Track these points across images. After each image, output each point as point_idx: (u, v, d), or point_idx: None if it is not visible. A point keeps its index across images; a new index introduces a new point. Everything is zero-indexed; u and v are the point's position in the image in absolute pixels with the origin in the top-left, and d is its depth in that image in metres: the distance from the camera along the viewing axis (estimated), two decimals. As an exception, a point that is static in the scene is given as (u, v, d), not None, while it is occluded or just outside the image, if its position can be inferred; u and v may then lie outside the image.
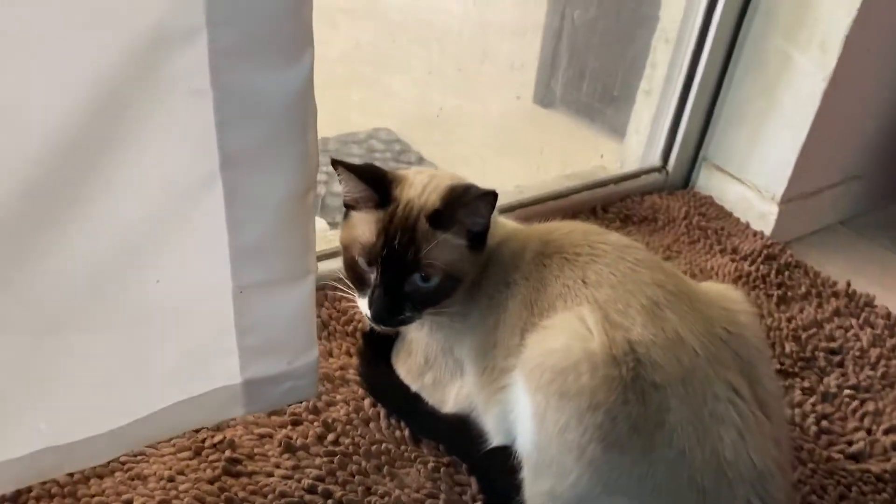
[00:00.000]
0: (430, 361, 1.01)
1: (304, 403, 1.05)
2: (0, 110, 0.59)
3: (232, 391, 0.85)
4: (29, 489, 0.88)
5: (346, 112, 2.42)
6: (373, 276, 0.90)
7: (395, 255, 0.88)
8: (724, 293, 0.91)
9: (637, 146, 1.77)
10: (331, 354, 1.16)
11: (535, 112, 2.60)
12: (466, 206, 0.88)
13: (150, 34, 0.60)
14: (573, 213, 1.56)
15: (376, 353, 1.10)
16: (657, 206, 1.63)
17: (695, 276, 1.41)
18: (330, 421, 1.04)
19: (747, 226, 1.61)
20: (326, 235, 1.36)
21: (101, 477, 0.93)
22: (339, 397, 1.08)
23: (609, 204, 1.62)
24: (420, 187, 0.92)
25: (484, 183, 1.76)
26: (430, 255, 0.88)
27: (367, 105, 2.51)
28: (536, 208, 1.55)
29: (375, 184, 0.91)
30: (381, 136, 2.33)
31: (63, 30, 0.57)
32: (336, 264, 1.02)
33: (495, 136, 2.42)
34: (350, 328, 1.19)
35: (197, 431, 0.99)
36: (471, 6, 3.22)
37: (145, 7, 0.59)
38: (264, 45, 0.63)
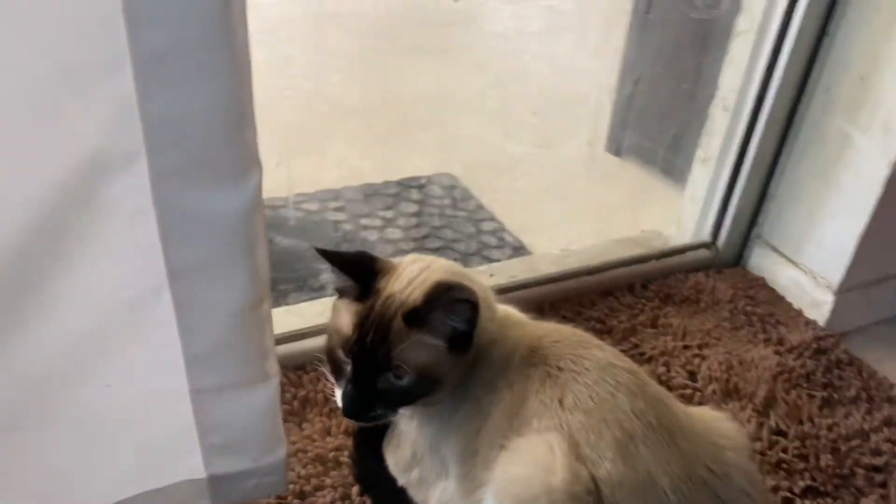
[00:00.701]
0: (417, 457, 0.98)
1: (290, 486, 1.04)
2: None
3: (197, 485, 0.85)
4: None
5: (408, 155, 2.43)
6: (348, 369, 0.88)
7: (367, 351, 0.85)
8: (715, 425, 0.84)
9: (692, 215, 1.69)
10: (329, 433, 1.14)
11: (606, 161, 2.53)
12: (445, 308, 0.84)
13: (88, 160, 0.61)
14: (608, 290, 1.50)
15: (370, 437, 1.07)
16: (702, 285, 1.54)
17: (731, 369, 1.33)
18: (314, 508, 1.02)
19: (799, 313, 1.50)
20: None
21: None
22: (328, 481, 1.06)
23: (650, 280, 1.54)
24: (406, 281, 0.89)
25: (534, 242, 1.69)
26: (403, 355, 0.84)
27: (432, 148, 2.52)
28: (569, 284, 1.50)
29: (357, 274, 0.89)
30: (443, 181, 2.32)
31: (6, 153, 0.59)
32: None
33: (560, 185, 2.36)
34: (352, 406, 1.18)
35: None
36: (554, 48, 3.19)
37: (83, 134, 0.60)
38: (205, 168, 0.63)
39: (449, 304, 0.84)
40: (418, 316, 0.85)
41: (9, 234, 0.62)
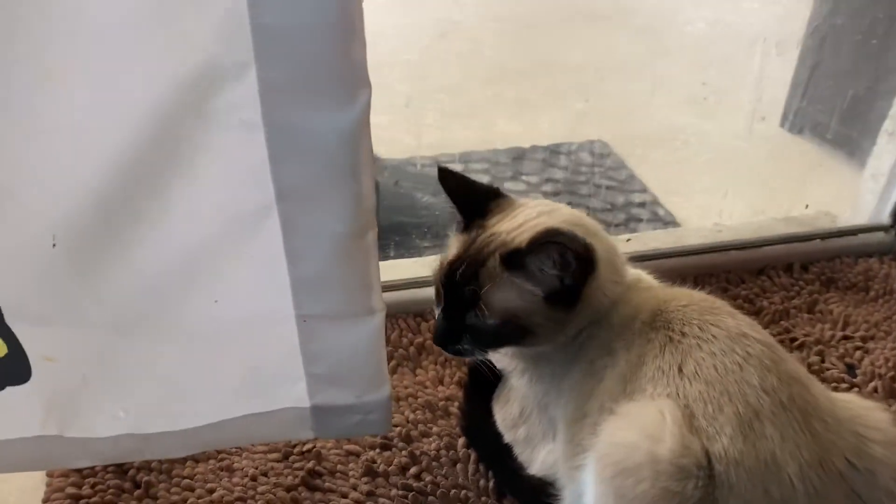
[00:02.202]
0: (524, 415, 0.94)
1: (398, 429, 1.04)
2: (75, 130, 0.63)
3: (301, 414, 0.85)
4: (133, 460, 0.97)
5: (561, 121, 2.36)
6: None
7: (456, 285, 0.82)
8: (865, 413, 0.73)
9: (870, 196, 1.50)
10: (441, 382, 1.13)
11: (780, 137, 2.33)
12: (548, 255, 0.77)
13: (201, 68, 0.61)
14: (761, 269, 1.37)
15: (480, 390, 1.04)
16: (873, 272, 1.37)
17: (892, 370, 1.17)
18: (418, 453, 1.01)
19: None
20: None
21: (196, 461, 0.99)
22: (435, 429, 1.05)
23: (812, 262, 1.39)
24: (520, 221, 0.84)
25: (689, 217, 1.58)
26: (489, 296, 0.80)
27: (587, 115, 2.43)
28: (716, 258, 1.38)
29: (464, 205, 0.86)
30: (595, 148, 2.23)
31: (124, 62, 0.60)
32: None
33: (724, 160, 2.20)
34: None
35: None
36: (728, 14, 2.98)
37: (197, 43, 0.60)
38: (313, 84, 0.62)
39: (555, 252, 0.77)
40: (517, 258, 0.79)
41: (129, 139, 0.63)
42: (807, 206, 1.54)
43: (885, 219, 1.43)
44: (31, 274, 0.71)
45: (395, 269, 1.28)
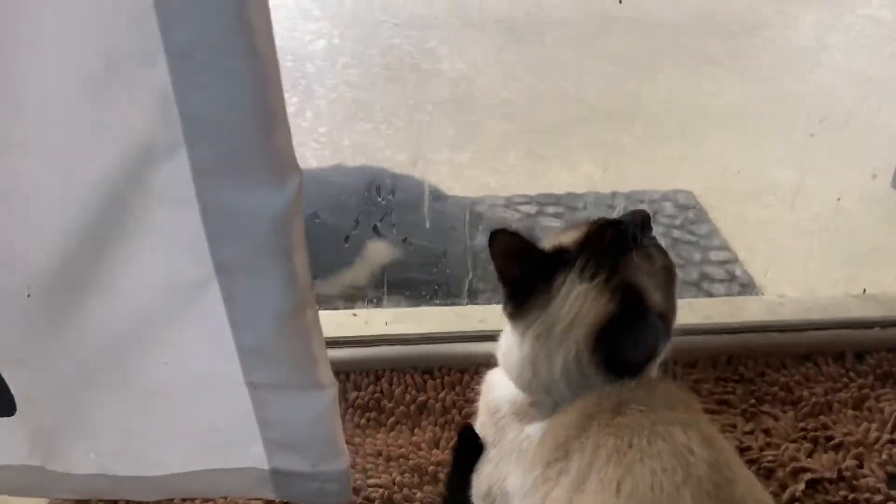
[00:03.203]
0: (491, 496, 0.90)
1: (381, 490, 1.03)
2: (38, 194, 0.68)
3: (261, 474, 0.87)
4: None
5: (651, 167, 2.29)
6: None
7: None
8: None
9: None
10: (437, 444, 1.11)
11: (892, 199, 2.17)
12: None
13: (138, 147, 0.63)
14: (807, 354, 1.25)
15: (469, 458, 1.01)
16: (941, 370, 1.23)
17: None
18: (394, 520, 1.00)
19: None
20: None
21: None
22: (419, 495, 1.03)
23: (868, 351, 1.26)
24: None
25: (771, 282, 1.50)
26: None
27: (680, 163, 2.34)
28: (757, 337, 1.28)
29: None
30: (679, 199, 2.15)
31: (71, 135, 0.64)
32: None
33: (823, 221, 2.06)
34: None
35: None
36: (860, 63, 2.82)
37: (133, 124, 0.62)
38: (240, 168, 0.63)
39: None
40: None
41: (82, 206, 0.67)
42: (864, 291, 1.40)
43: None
44: (10, 321, 0.76)
45: (406, 321, 1.28)
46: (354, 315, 1.37)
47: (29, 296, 0.74)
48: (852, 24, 3.35)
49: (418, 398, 1.16)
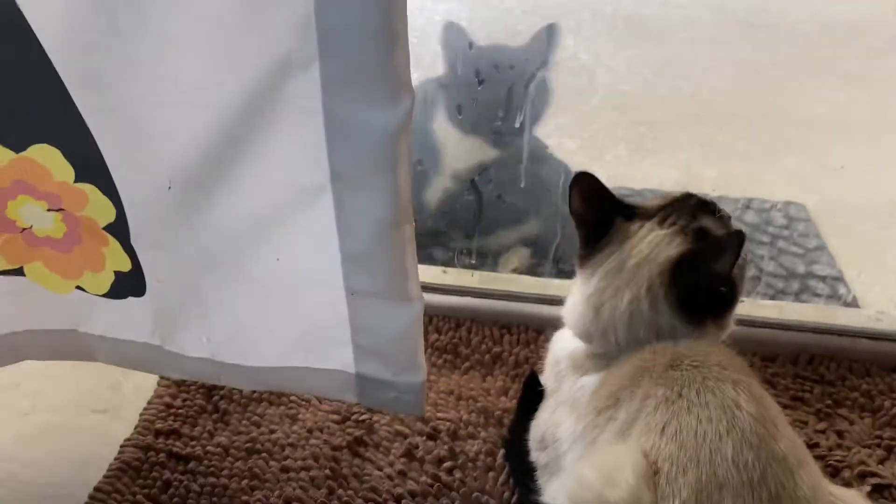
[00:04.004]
0: (545, 441, 0.95)
1: (448, 424, 1.10)
2: (190, 97, 0.77)
3: (347, 378, 0.95)
4: (221, 386, 1.13)
5: (764, 176, 2.24)
6: None
7: None
8: None
9: None
10: (505, 393, 1.17)
11: None
12: None
13: (277, 59, 0.71)
14: (868, 365, 1.23)
15: (530, 403, 1.06)
16: None
17: None
18: (458, 451, 1.06)
19: None
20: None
21: (270, 403, 1.13)
22: (483, 434, 1.09)
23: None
24: None
25: (875, 302, 1.54)
26: None
27: (796, 175, 2.29)
28: (844, 340, 1.26)
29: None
30: (789, 210, 2.10)
31: (221, 45, 0.73)
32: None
33: None
34: (543, 376, 1.18)
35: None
36: None
37: (275, 37, 0.71)
38: (364, 82, 0.70)
39: None
40: None
41: (224, 110, 0.76)
42: None
43: None
44: (152, 207, 0.87)
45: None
46: (445, 272, 1.45)
47: (170, 188, 0.84)
48: None
49: (493, 349, 1.22)
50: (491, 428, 1.10)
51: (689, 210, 0.88)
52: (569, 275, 1.48)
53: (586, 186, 0.89)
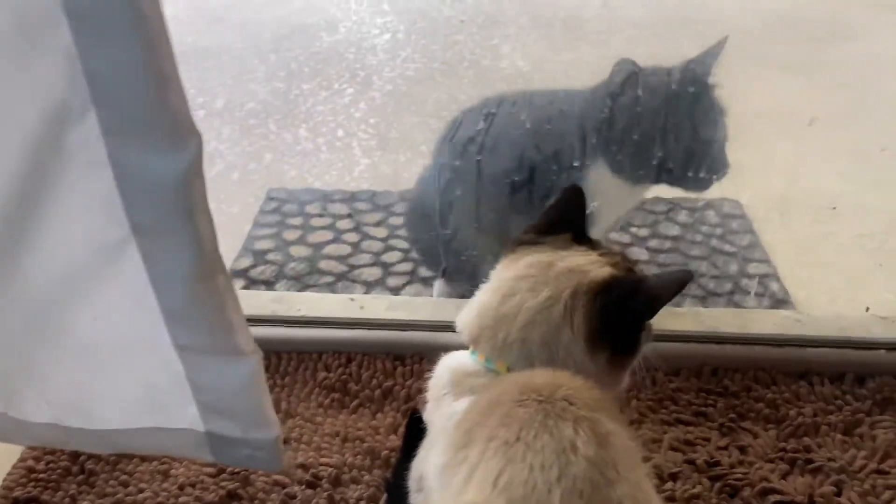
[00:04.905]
0: (421, 481, 0.89)
1: (330, 470, 1.04)
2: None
3: (198, 437, 0.89)
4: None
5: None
6: None
7: None
8: None
9: None
10: (395, 431, 1.11)
11: None
12: None
13: (54, 108, 0.66)
14: (803, 373, 1.19)
15: (414, 441, 1.00)
16: (947, 399, 1.13)
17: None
18: (338, 498, 1.01)
19: None
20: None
21: (143, 459, 1.07)
22: (367, 477, 1.04)
23: (870, 374, 1.18)
24: None
25: (808, 300, 1.56)
26: None
27: (737, 171, 2.25)
28: (747, 349, 1.22)
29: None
30: (724, 208, 2.07)
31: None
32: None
33: (880, 240, 1.96)
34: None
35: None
36: None
37: (47, 84, 0.65)
38: (141, 129, 0.65)
39: None
40: None
41: (10, 167, 0.71)
42: (867, 309, 1.31)
43: None
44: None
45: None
46: (352, 300, 1.39)
47: (-22, 249, 0.78)
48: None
49: (385, 383, 1.17)
50: (377, 470, 1.05)
51: (627, 259, 0.85)
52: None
53: (574, 197, 0.87)
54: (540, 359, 0.77)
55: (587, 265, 0.79)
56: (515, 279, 0.81)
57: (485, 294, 0.84)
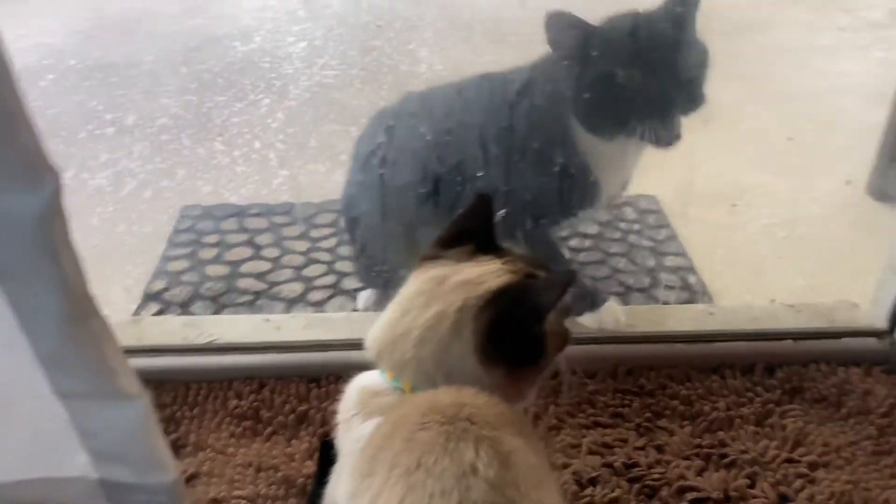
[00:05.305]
0: None
1: (244, 503, 1.00)
2: None
3: (91, 485, 0.84)
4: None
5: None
6: None
7: None
8: None
9: (889, 290, 1.29)
10: (311, 457, 1.08)
11: (864, 206, 2.10)
12: None
13: None
14: (716, 367, 1.20)
15: (327, 467, 0.97)
16: (851, 385, 1.17)
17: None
18: (252, 534, 0.97)
19: None
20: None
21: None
22: (281, 509, 1.00)
23: (780, 364, 1.21)
24: None
25: (726, 291, 1.58)
26: None
27: (651, 167, 2.28)
28: (664, 347, 1.23)
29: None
30: (640, 204, 2.10)
31: None
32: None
33: (792, 228, 2.00)
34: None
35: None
36: (851, 66, 2.77)
37: None
38: (-2, 168, 0.61)
39: None
40: None
41: None
42: (773, 301, 1.34)
43: (881, 322, 1.22)
44: None
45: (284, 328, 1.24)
46: (267, 320, 1.36)
47: None
48: (846, 26, 3.27)
49: (299, 408, 1.13)
50: (293, 499, 1.02)
51: (535, 264, 0.82)
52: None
53: (483, 205, 0.83)
54: (438, 376, 0.75)
55: (484, 276, 0.77)
56: (412, 296, 0.79)
57: (388, 311, 0.82)
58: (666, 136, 1.20)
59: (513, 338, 0.74)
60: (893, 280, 1.26)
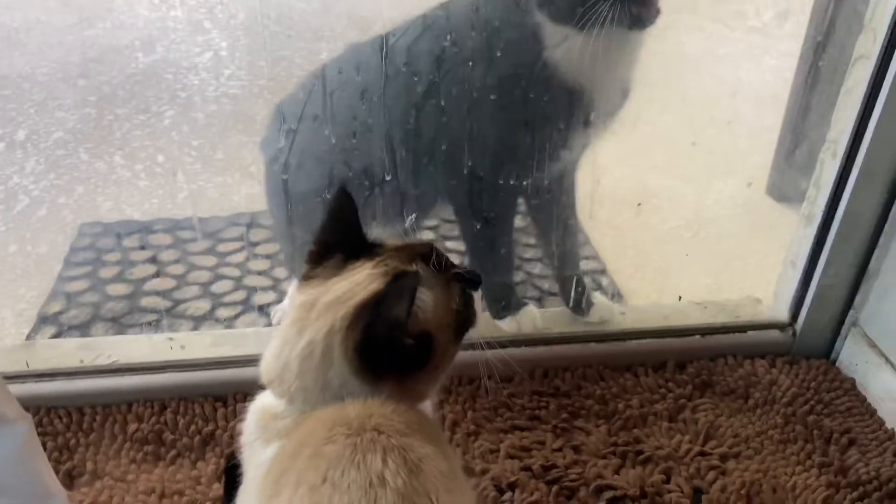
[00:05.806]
0: None
1: (145, 533, 0.94)
2: None
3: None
4: None
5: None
6: None
7: None
8: None
9: (789, 284, 1.34)
10: (220, 479, 1.03)
11: (765, 205, 2.17)
12: None
13: None
14: (629, 364, 1.22)
15: (232, 489, 0.92)
16: (758, 377, 1.20)
17: (757, 495, 1.01)
18: (154, 563, 0.91)
19: (890, 436, 1.11)
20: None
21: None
22: (187, 537, 0.95)
23: (690, 360, 1.23)
24: None
25: (639, 291, 1.56)
26: None
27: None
28: (577, 347, 1.24)
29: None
30: (552, 209, 2.09)
31: None
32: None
33: (698, 228, 2.05)
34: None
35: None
36: (746, 74, 2.86)
37: None
38: None
39: None
40: None
41: None
42: (679, 298, 1.37)
43: (782, 314, 1.26)
44: None
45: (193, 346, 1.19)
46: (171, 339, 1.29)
47: None
48: (741, 37, 3.42)
49: (204, 429, 1.08)
50: (198, 526, 0.96)
51: (411, 255, 0.78)
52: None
53: (346, 204, 0.79)
54: (330, 400, 0.72)
55: (352, 290, 0.74)
56: (288, 325, 0.75)
57: (273, 339, 0.78)
58: (644, 14, 1.03)
59: (387, 351, 0.72)
60: (793, 275, 1.30)
